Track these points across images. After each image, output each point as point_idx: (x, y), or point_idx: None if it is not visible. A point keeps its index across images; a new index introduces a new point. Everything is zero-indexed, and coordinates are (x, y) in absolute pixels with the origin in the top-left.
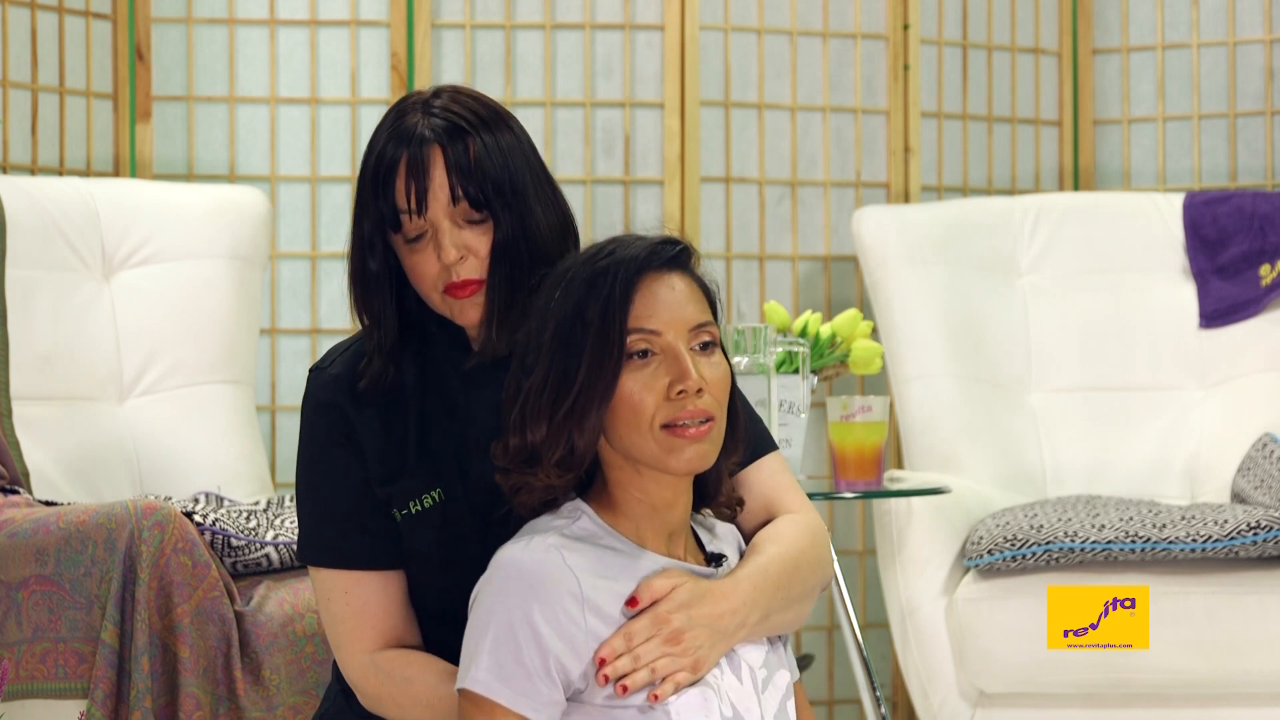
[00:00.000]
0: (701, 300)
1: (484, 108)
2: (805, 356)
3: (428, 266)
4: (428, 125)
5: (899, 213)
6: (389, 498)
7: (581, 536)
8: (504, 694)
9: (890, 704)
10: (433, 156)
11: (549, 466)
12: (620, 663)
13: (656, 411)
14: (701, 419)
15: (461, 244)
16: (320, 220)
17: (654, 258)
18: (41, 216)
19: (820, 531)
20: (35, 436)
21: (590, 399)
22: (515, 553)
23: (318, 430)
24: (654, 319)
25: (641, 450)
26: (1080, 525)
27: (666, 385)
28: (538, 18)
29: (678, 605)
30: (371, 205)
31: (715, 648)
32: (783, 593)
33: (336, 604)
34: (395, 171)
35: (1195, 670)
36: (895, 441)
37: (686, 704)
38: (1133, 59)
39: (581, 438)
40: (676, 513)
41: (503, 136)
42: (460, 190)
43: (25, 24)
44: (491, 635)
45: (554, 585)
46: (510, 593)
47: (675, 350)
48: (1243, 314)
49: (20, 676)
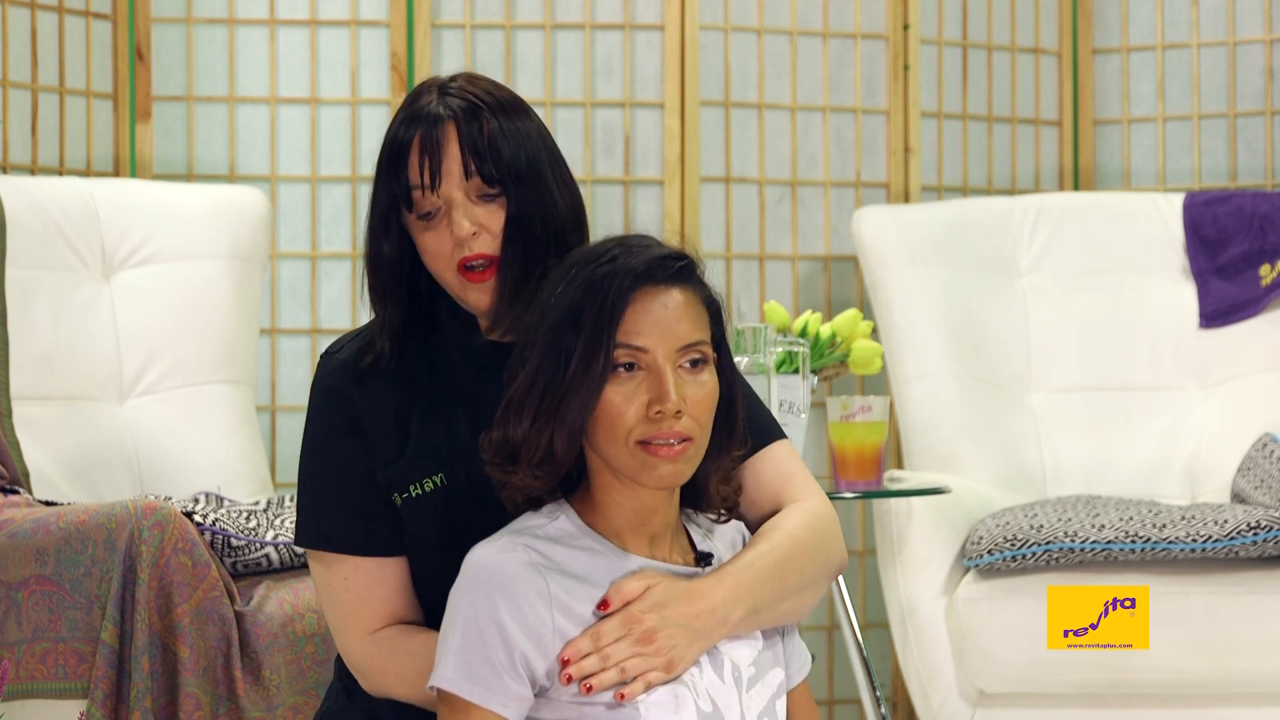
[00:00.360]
0: (698, 316)
1: (500, 92)
2: (805, 356)
3: (441, 244)
4: (443, 104)
5: (899, 213)
6: (390, 482)
7: (556, 537)
8: (473, 691)
9: (890, 704)
10: (447, 133)
11: (527, 467)
12: (586, 662)
13: (634, 427)
14: (678, 440)
15: (474, 219)
16: (320, 220)
17: (654, 271)
18: (41, 216)
19: (825, 517)
20: (35, 436)
21: (573, 404)
22: (485, 553)
23: (323, 416)
24: (642, 335)
25: (617, 461)
26: (1080, 525)
27: (646, 403)
28: (538, 18)
29: (651, 605)
30: (386, 185)
31: (692, 647)
32: (773, 585)
33: (337, 590)
34: (409, 149)
35: (1195, 670)
36: (895, 441)
37: (657, 701)
38: (1133, 59)
39: (561, 440)
40: (659, 516)
41: (518, 120)
42: (474, 165)
43: (25, 24)
44: (459, 633)
45: (520, 584)
46: (477, 591)
47: (659, 370)
48: (1243, 314)
49: (20, 676)
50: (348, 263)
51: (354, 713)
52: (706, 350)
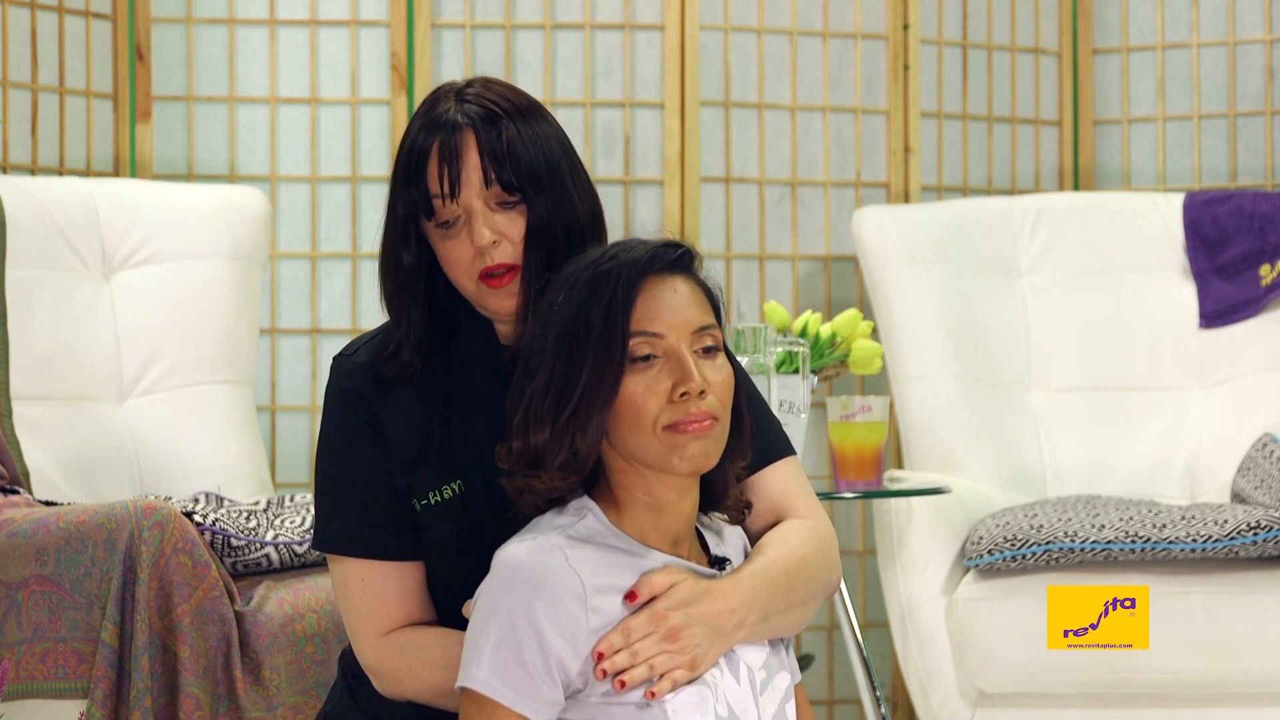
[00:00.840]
0: (704, 304)
1: (518, 96)
2: (805, 356)
3: (461, 253)
4: (460, 111)
5: (899, 213)
6: (409, 488)
7: (586, 536)
8: (505, 694)
9: (890, 704)
10: (465, 141)
11: (552, 470)
12: (618, 658)
13: (660, 414)
14: (705, 419)
15: (495, 227)
16: (320, 220)
17: (656, 261)
18: (41, 216)
19: (827, 538)
20: (35, 436)
21: (593, 402)
22: (518, 552)
23: (340, 418)
24: (656, 322)
25: (645, 452)
26: (1080, 525)
27: (670, 388)
28: (538, 18)
29: (676, 603)
30: (404, 194)
31: (714, 646)
32: (783, 595)
33: (353, 591)
34: (428, 157)
35: (1195, 670)
36: (895, 441)
37: (683, 702)
38: (1133, 59)
39: (584, 441)
40: (681, 514)
41: (536, 124)
42: (493, 173)
43: (25, 24)
44: (494, 634)
45: (557, 585)
46: (513, 592)
47: (678, 353)
48: (1243, 314)
49: (20, 676)
50: (348, 263)
51: (357, 713)
52: (718, 335)
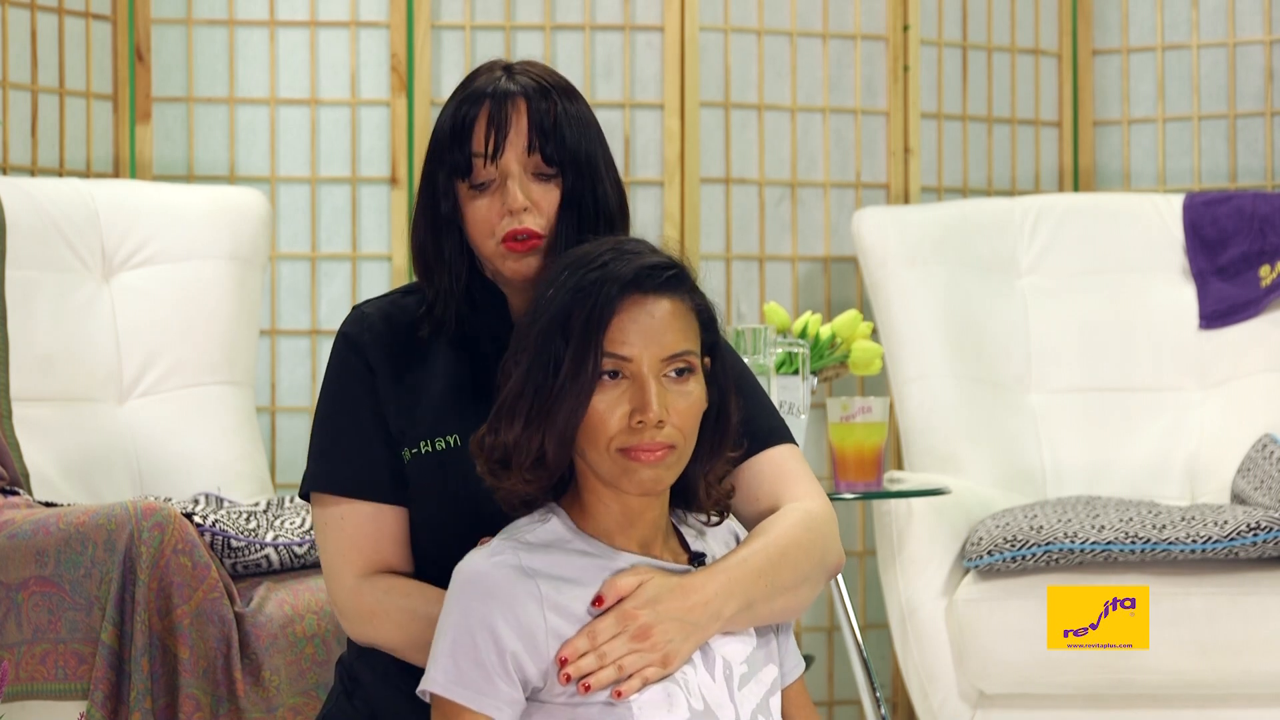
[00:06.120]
0: (687, 326)
1: (562, 78)
2: (805, 357)
3: (490, 211)
4: (513, 82)
5: (899, 213)
6: (402, 433)
7: (548, 542)
8: (464, 695)
9: (890, 704)
10: (517, 107)
11: (519, 472)
12: (584, 661)
13: (615, 435)
14: (658, 449)
15: (528, 194)
16: (320, 221)
17: (642, 280)
18: (41, 217)
19: (823, 518)
20: (35, 437)
21: (563, 409)
22: (473, 562)
23: (339, 360)
24: (627, 345)
25: (599, 466)
26: (1080, 526)
27: (629, 412)
28: (538, 18)
29: (644, 601)
30: (446, 157)
31: (687, 640)
32: (766, 580)
33: (331, 529)
34: (476, 120)
35: (1195, 670)
36: (895, 442)
37: (649, 700)
38: (1133, 60)
39: (552, 445)
40: (648, 519)
41: (581, 107)
42: (538, 143)
43: (25, 25)
44: (450, 639)
45: (512, 587)
46: (469, 599)
47: (643, 379)
48: (1243, 315)
49: (20, 678)
50: (348, 263)
51: (354, 716)
52: (693, 360)
